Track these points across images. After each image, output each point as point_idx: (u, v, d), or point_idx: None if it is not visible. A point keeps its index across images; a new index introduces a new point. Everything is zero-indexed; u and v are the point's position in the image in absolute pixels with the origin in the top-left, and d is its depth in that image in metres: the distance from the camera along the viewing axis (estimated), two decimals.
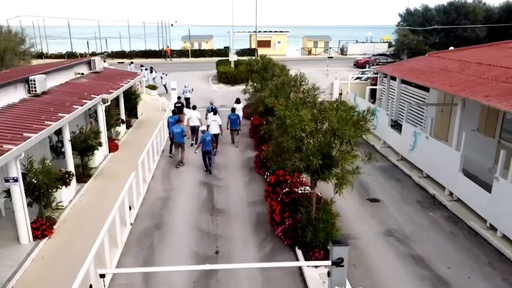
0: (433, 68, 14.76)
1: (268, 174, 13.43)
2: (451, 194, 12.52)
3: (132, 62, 37.01)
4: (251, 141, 18.61)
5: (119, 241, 9.89)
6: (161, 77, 31.81)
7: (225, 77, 34.47)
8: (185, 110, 20.28)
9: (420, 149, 14.37)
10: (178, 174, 14.98)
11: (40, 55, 52.39)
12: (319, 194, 10.35)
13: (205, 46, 58.36)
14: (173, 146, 16.59)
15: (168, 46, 55.07)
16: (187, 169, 15.46)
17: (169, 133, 16.90)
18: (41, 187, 10.16)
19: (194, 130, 17.92)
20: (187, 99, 24.64)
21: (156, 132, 16.54)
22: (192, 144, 17.87)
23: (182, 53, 54.23)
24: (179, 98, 22.49)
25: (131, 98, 20.74)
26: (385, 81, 23.09)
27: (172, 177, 14.71)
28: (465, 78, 12.63)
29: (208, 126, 16.52)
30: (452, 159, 12.21)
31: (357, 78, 32.90)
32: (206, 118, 17.83)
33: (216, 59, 51.24)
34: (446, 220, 11.48)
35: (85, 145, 13.43)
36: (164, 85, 30.81)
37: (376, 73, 23.84)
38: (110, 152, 16.73)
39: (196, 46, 58.08)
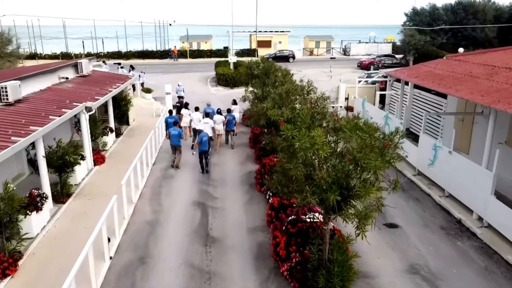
0: (455, 74, 13.16)
1: (271, 194, 11.84)
2: (480, 219, 10.91)
3: (104, 62, 35.75)
4: (251, 152, 17.01)
5: (93, 282, 8.28)
6: (139, 76, 30.55)
7: (224, 79, 32.88)
8: (183, 111, 19.18)
9: (441, 165, 12.78)
10: (170, 191, 13.39)
11: (34, 56, 50.81)
12: (332, 224, 8.75)
13: (204, 46, 56.81)
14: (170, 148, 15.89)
15: (175, 46, 53.37)
16: (180, 184, 13.86)
17: (166, 134, 16.37)
18: (2, 218, 8.57)
19: (196, 132, 17.08)
20: (181, 98, 24.95)
21: (146, 143, 14.96)
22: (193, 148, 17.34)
23: (180, 54, 52.58)
24: (180, 97, 21.47)
25: (121, 104, 19.11)
26: (395, 86, 21.48)
27: (163, 195, 13.10)
28: (496, 86, 11.03)
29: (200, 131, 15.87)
30: (482, 179, 10.61)
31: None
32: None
33: (215, 59, 49.65)
34: (477, 252, 9.88)
35: (62, 162, 11.83)
36: (142, 84, 30.06)
37: (386, 77, 22.24)
38: (95, 165, 15.13)
39: (194, 46, 56.50)
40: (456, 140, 15.20)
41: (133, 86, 29.09)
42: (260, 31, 56.65)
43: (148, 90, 28.54)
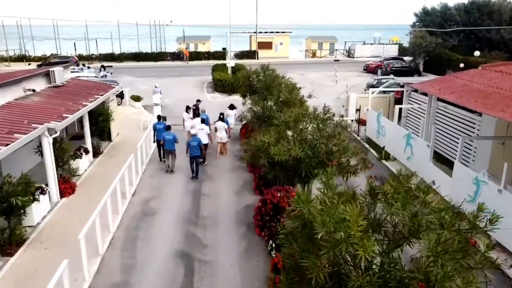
0: (502, 90, 10.64)
1: (273, 245, 9.35)
2: None
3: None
4: (249, 178, 14.47)
5: None
6: (106, 75, 30.68)
7: (221, 85, 30.33)
8: (184, 114, 18.13)
9: (486, 204, 10.21)
10: (149, 235, 10.86)
11: (22, 58, 48.24)
12: None
13: (202, 47, 54.15)
14: (163, 153, 15.55)
15: (186, 48, 50.65)
16: (163, 224, 11.35)
17: (157, 140, 16.09)
18: None
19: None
20: (198, 102, 25.01)
21: (123, 170, 12.44)
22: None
23: (177, 56, 49.99)
24: (198, 101, 20.00)
25: (99, 119, 16.52)
26: (414, 97, 18.94)
27: (140, 241, 10.57)
28: None
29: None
30: None
31: (371, 86, 28.79)
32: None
33: (213, 62, 47.04)
34: None
35: (8, 205, 9.32)
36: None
37: (402, 86, 19.71)
38: (62, 197, 12.62)
39: (192, 48, 53.82)
40: (493, 166, 12.75)
41: (122, 93, 26.67)
42: (261, 32, 54.11)
43: (137, 98, 25.99)
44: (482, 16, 37.91)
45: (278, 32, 56.58)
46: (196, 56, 50.45)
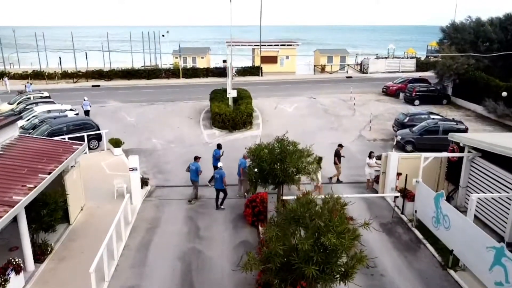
0: None
1: None
2: None
3: None
4: None
5: None
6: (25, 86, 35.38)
7: (221, 120, 25.34)
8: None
9: None
10: None
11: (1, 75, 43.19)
12: None
13: (200, 62, 49.08)
14: None
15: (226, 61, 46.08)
16: None
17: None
18: None
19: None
20: (87, 112, 26.96)
21: None
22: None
23: (172, 73, 44.99)
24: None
25: (43, 213, 11.48)
26: (480, 166, 13.93)
27: None
28: None
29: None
30: None
31: (401, 125, 23.76)
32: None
33: (212, 80, 42.35)
34: None
35: None
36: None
37: (460, 146, 14.72)
38: None
39: (189, 63, 48.79)
40: None
41: (99, 136, 21.80)
42: (264, 45, 49.21)
43: (117, 143, 21.02)
44: None
45: (284, 44, 51.63)
46: (193, 72, 45.46)
